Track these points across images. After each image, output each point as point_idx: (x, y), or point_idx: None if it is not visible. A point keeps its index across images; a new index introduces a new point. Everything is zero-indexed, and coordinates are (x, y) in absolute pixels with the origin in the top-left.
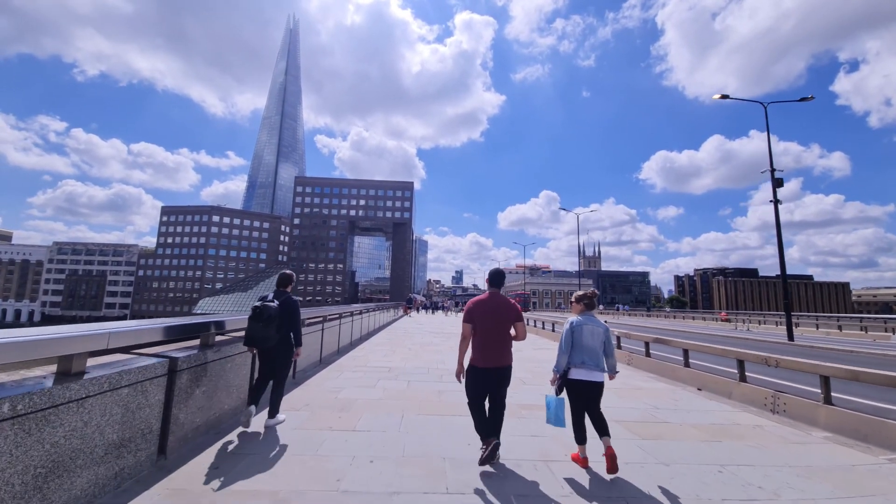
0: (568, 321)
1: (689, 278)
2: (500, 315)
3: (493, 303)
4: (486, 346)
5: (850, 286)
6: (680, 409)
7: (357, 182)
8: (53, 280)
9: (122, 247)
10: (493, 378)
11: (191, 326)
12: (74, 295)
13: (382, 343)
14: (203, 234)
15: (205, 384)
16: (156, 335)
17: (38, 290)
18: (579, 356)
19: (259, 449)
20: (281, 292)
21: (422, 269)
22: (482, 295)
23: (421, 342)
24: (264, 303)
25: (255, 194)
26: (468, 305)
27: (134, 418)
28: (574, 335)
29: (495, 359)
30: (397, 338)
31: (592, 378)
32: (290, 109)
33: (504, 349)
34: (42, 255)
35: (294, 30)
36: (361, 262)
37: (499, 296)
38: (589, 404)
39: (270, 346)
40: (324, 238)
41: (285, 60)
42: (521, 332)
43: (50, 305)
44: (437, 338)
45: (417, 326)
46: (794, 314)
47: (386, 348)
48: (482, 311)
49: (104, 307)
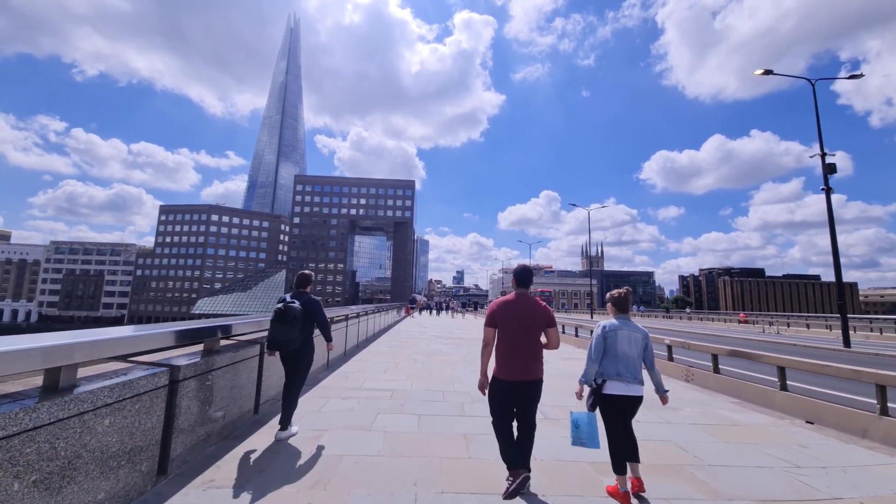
0: (600, 325)
1: (694, 278)
2: (528, 319)
3: (520, 305)
4: (512, 355)
5: (858, 286)
6: (831, 467)
7: (357, 181)
8: (51, 280)
9: (119, 246)
10: (519, 393)
11: (193, 332)
12: (72, 295)
13: (383, 352)
14: (202, 233)
15: (209, 393)
16: (155, 342)
17: (36, 289)
18: (614, 366)
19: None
20: (301, 293)
21: (423, 269)
22: (507, 296)
23: (428, 351)
24: (287, 303)
25: (256, 194)
26: (491, 307)
27: (131, 436)
28: (608, 342)
29: (522, 371)
30: (400, 345)
31: (631, 392)
32: (290, 109)
33: (533, 360)
34: (39, 255)
35: (295, 29)
36: (362, 262)
37: (527, 297)
38: (624, 421)
39: (294, 348)
40: (324, 237)
41: (286, 59)
42: (554, 340)
43: (47, 305)
44: (446, 344)
45: (422, 330)
46: (817, 315)
47: (387, 360)
48: (507, 314)
49: (102, 307)
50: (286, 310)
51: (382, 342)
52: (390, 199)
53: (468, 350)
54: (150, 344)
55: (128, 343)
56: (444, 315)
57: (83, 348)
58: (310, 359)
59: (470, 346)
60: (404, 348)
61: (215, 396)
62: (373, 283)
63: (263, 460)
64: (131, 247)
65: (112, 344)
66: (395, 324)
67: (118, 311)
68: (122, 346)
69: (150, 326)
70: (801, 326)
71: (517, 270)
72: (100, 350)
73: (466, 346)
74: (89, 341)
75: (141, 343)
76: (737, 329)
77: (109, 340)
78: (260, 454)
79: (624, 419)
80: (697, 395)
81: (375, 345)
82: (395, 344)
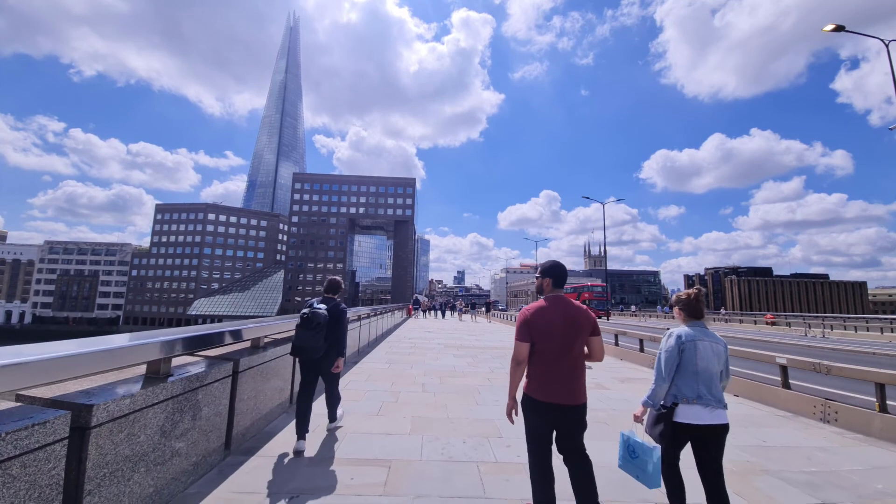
0: (672, 335)
1: (700, 277)
2: (570, 328)
3: (560, 311)
4: (551, 373)
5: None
6: None
7: (357, 179)
8: (45, 280)
9: (114, 246)
10: (558, 419)
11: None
12: (66, 296)
13: (378, 372)
14: (198, 232)
15: (258, 383)
16: (221, 339)
17: (30, 290)
18: (692, 386)
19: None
20: (329, 299)
21: (423, 269)
22: (539, 301)
23: (438, 369)
24: (313, 309)
25: (255, 194)
26: (524, 316)
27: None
28: (685, 355)
29: (563, 393)
30: (401, 358)
31: (716, 419)
32: (290, 108)
33: (576, 378)
34: (34, 255)
35: (294, 27)
36: (362, 262)
37: (564, 300)
38: (707, 459)
39: (318, 357)
40: (323, 237)
41: (285, 58)
42: (598, 351)
43: (41, 306)
44: (459, 357)
45: (426, 335)
46: (855, 317)
47: (383, 386)
48: (546, 323)
49: (96, 308)
50: (311, 315)
51: (380, 354)
52: (390, 198)
53: (490, 367)
54: (218, 340)
55: (202, 340)
56: (449, 317)
57: (172, 344)
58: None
59: (491, 359)
60: (407, 365)
61: (262, 385)
62: (373, 283)
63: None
64: (126, 246)
65: (189, 341)
66: (395, 328)
67: (113, 311)
68: (196, 342)
69: (212, 326)
70: (839, 329)
71: (549, 267)
72: (181, 346)
73: (486, 361)
74: (175, 339)
75: (212, 340)
76: (771, 332)
77: (188, 337)
78: None
79: (705, 457)
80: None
81: (370, 358)
82: (395, 357)
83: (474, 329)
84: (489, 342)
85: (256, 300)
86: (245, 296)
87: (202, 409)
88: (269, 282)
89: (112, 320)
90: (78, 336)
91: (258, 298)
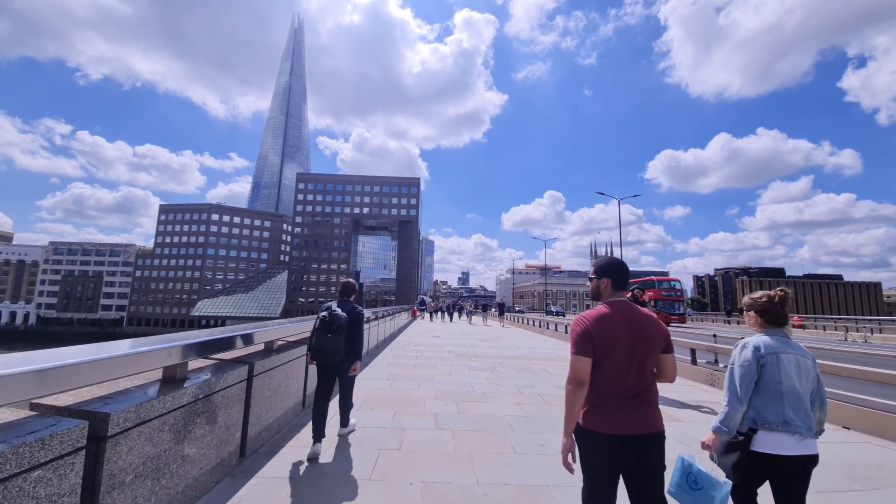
0: (748, 345)
1: (710, 278)
2: (639, 342)
3: (624, 320)
4: (617, 397)
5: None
6: None
7: (361, 179)
8: (49, 281)
9: (119, 246)
10: (627, 457)
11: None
12: (70, 296)
13: (376, 394)
14: (202, 233)
15: (272, 387)
16: (237, 342)
17: (34, 291)
18: (776, 409)
19: None
20: (345, 302)
21: (428, 270)
22: (600, 307)
23: (452, 387)
24: (332, 311)
25: (260, 195)
26: (582, 324)
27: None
28: (765, 371)
29: (635, 420)
30: (406, 371)
31: (805, 450)
32: (294, 109)
33: (648, 401)
34: (38, 256)
35: (299, 29)
36: (366, 263)
37: (631, 307)
38: (789, 498)
39: (338, 360)
40: (327, 237)
41: (290, 60)
42: (671, 372)
43: (45, 307)
44: (475, 369)
45: (434, 341)
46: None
47: (382, 417)
48: (609, 335)
49: (100, 309)
50: (332, 318)
51: (380, 366)
52: (395, 198)
53: (515, 384)
54: (232, 344)
55: (219, 344)
56: (458, 320)
57: (188, 349)
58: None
59: (514, 373)
60: (412, 382)
61: (276, 388)
62: (377, 284)
63: None
64: (130, 247)
65: (206, 345)
66: (398, 332)
67: (117, 312)
68: (213, 347)
69: (227, 330)
70: (877, 332)
71: (608, 265)
72: (198, 350)
73: (509, 375)
74: (191, 343)
75: (227, 344)
76: (805, 336)
77: (206, 341)
78: None
79: (788, 495)
80: None
81: (369, 372)
82: (398, 371)
83: (486, 333)
84: (506, 350)
85: (260, 301)
86: (249, 297)
87: (218, 414)
88: (272, 283)
89: (116, 321)
90: (83, 337)
91: (262, 299)
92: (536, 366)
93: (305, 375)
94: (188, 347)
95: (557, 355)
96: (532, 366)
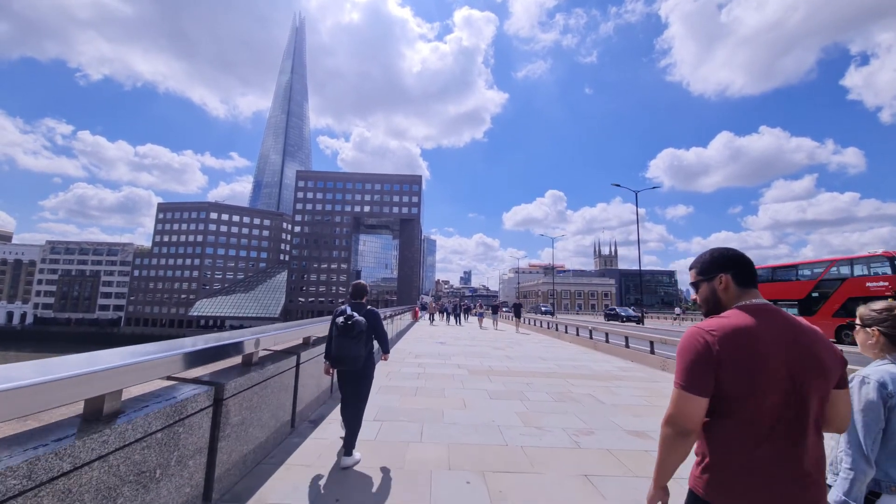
0: (870, 381)
1: None
2: (804, 370)
3: (778, 336)
4: (761, 460)
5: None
6: None
7: (362, 176)
8: (46, 280)
9: (116, 245)
10: None
11: (233, 346)
12: (67, 296)
13: (362, 440)
14: (201, 231)
15: (250, 410)
16: (200, 359)
17: (31, 290)
18: None
19: None
20: (359, 304)
21: (430, 270)
22: (734, 315)
23: (472, 435)
24: (350, 316)
25: (261, 194)
26: (700, 338)
27: (177, 461)
28: (895, 417)
29: (788, 497)
30: (402, 403)
31: None
32: (296, 108)
33: (811, 470)
34: (35, 255)
35: (300, 28)
36: (367, 262)
37: (783, 316)
38: None
39: (358, 367)
40: (327, 236)
41: (291, 58)
42: (844, 415)
43: (42, 307)
44: (499, 397)
45: (439, 351)
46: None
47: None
48: (752, 359)
49: (98, 309)
50: (353, 324)
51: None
52: (396, 196)
53: (563, 424)
54: (197, 361)
55: (176, 362)
56: (466, 322)
57: (132, 371)
58: (371, 377)
59: (554, 401)
60: (411, 424)
61: (256, 411)
62: (378, 283)
63: None
64: (128, 246)
65: (159, 365)
66: (398, 337)
67: (115, 312)
68: (169, 365)
69: (188, 342)
70: None
71: (724, 255)
72: (150, 372)
73: (549, 408)
74: (137, 363)
75: (190, 360)
76: None
77: (159, 360)
78: None
79: None
80: None
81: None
82: (392, 400)
83: (498, 339)
84: (528, 362)
85: (259, 301)
86: (248, 297)
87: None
88: (272, 282)
89: (113, 321)
90: (81, 338)
91: (261, 299)
92: (577, 388)
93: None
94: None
95: (593, 370)
96: (572, 388)
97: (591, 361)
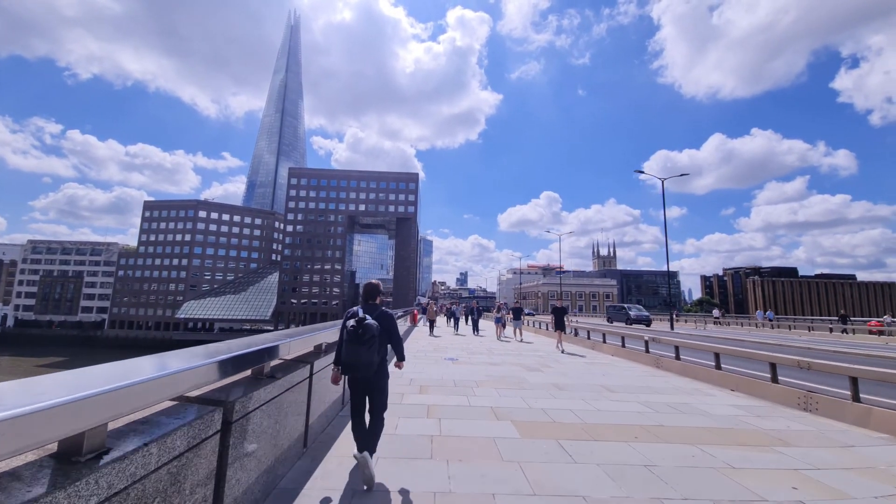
0: None
1: (719, 278)
2: None
3: None
4: None
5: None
6: None
7: (357, 174)
8: (27, 281)
9: (100, 245)
10: None
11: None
12: (49, 297)
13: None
14: (189, 230)
15: (261, 430)
16: (208, 376)
17: (12, 292)
18: None
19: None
20: (372, 306)
21: (426, 271)
22: None
23: None
24: (362, 321)
25: (255, 194)
26: None
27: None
28: None
29: None
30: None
31: None
32: (290, 107)
33: None
34: (16, 255)
35: (295, 26)
36: (362, 263)
37: None
38: None
39: (371, 374)
40: (321, 236)
41: (286, 57)
42: None
43: (23, 309)
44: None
45: (454, 375)
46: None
47: None
48: None
49: (80, 311)
50: (364, 329)
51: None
52: (392, 194)
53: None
54: (201, 379)
55: (176, 383)
56: (479, 333)
57: (118, 400)
58: (386, 381)
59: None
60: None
61: (269, 429)
62: None
63: None
64: (113, 246)
65: (156, 388)
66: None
67: (98, 315)
68: (170, 387)
69: (185, 354)
70: None
71: None
72: (143, 399)
73: None
74: (125, 387)
75: (193, 379)
76: (874, 342)
77: (153, 381)
78: None
79: None
80: None
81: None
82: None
83: (524, 353)
84: (601, 400)
85: (250, 303)
86: (238, 298)
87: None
88: (263, 283)
89: (97, 324)
90: (63, 340)
91: (251, 301)
92: (732, 464)
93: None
94: (274, 349)
95: (717, 420)
96: (721, 469)
97: (687, 395)
